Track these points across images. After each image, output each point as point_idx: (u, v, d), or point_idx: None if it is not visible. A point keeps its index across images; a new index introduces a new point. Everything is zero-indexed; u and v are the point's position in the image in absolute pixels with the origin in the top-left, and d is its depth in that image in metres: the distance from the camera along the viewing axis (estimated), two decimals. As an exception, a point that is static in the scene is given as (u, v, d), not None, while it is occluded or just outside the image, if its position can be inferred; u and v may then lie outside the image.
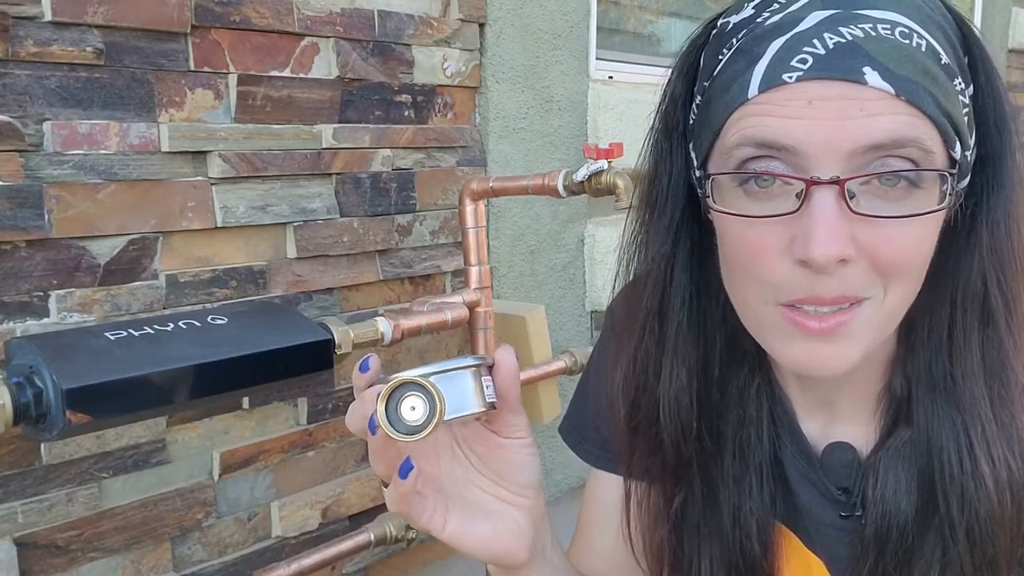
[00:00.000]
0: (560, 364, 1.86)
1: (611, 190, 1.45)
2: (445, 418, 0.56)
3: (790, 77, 0.57)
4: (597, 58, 2.29)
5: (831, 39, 0.57)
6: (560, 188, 1.52)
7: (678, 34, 2.75)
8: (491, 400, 0.60)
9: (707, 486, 0.74)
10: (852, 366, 0.62)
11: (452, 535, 0.62)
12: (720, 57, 0.63)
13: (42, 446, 1.30)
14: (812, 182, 0.57)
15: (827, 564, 0.75)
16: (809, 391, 0.74)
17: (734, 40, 0.62)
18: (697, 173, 0.67)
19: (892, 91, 0.56)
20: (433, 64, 1.81)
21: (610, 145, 1.46)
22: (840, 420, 0.74)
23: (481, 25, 1.90)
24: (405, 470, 0.58)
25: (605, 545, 0.85)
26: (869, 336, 0.62)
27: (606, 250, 2.24)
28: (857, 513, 0.71)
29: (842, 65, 0.56)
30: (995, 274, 0.64)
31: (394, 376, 0.57)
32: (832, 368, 0.62)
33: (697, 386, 0.72)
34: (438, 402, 0.56)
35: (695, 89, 0.67)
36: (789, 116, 0.57)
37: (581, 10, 2.15)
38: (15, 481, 1.28)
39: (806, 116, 0.56)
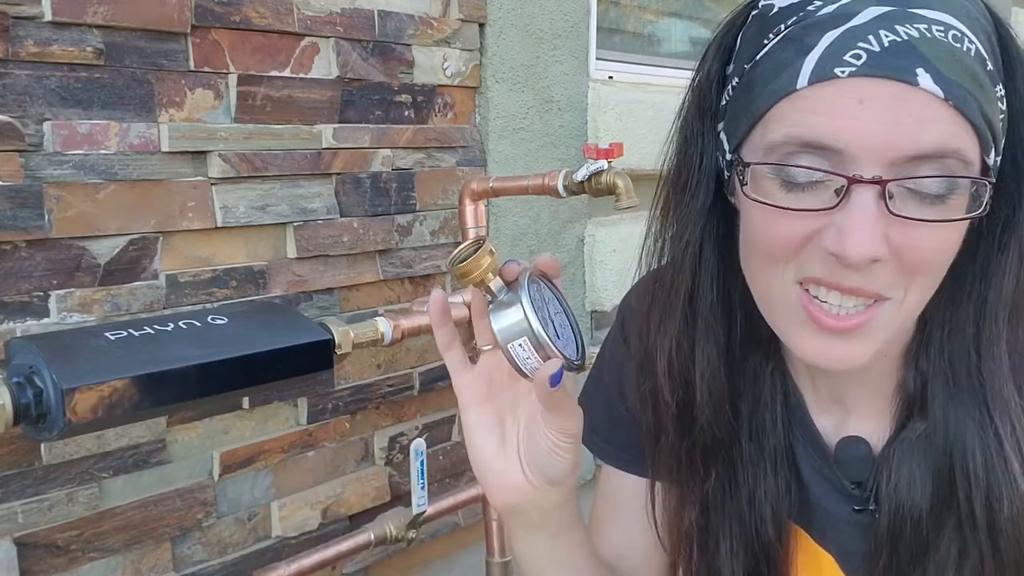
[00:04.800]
0: (560, 364, 1.86)
1: (611, 190, 1.45)
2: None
3: (842, 72, 0.57)
4: (597, 58, 2.29)
5: (887, 37, 0.56)
6: (560, 188, 1.52)
7: (678, 34, 2.75)
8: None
9: (730, 467, 0.75)
10: (864, 363, 0.63)
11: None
12: (765, 41, 0.62)
13: (42, 446, 1.30)
14: (855, 180, 0.57)
15: (839, 560, 0.75)
16: (821, 388, 0.75)
17: (782, 26, 0.61)
18: (729, 156, 0.67)
19: (942, 95, 0.56)
20: (433, 64, 1.81)
21: (610, 145, 1.46)
22: (853, 416, 0.74)
23: (481, 25, 1.90)
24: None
25: (616, 539, 0.85)
26: (885, 335, 0.63)
27: (606, 250, 2.24)
28: (871, 507, 0.71)
29: (896, 64, 0.56)
30: None
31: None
32: (845, 364, 0.63)
33: (725, 366, 0.73)
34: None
35: (729, 71, 0.67)
36: (838, 116, 0.57)
37: (581, 10, 2.15)
38: (15, 481, 1.28)
39: (855, 116, 0.56)
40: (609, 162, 1.45)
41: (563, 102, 2.12)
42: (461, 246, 0.63)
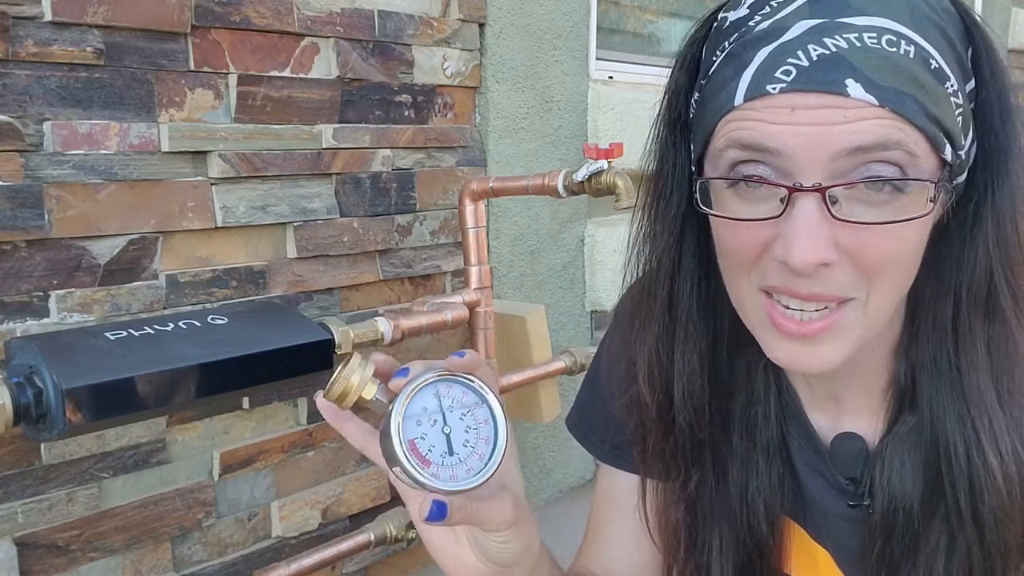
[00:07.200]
0: (560, 364, 1.86)
1: (611, 190, 1.45)
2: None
3: (774, 88, 0.57)
4: (597, 58, 2.29)
5: (815, 51, 0.57)
6: (560, 188, 1.52)
7: (678, 34, 2.75)
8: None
9: (718, 466, 0.75)
10: (836, 366, 0.63)
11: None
12: (714, 58, 0.64)
13: (42, 446, 1.30)
14: (794, 189, 0.58)
15: (834, 555, 0.75)
16: (815, 385, 0.75)
17: (727, 43, 0.62)
18: (692, 169, 0.68)
19: (876, 102, 0.56)
20: (433, 64, 1.81)
21: (610, 145, 1.46)
22: (848, 413, 0.74)
23: (481, 25, 1.90)
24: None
25: (616, 542, 0.85)
26: (853, 336, 0.62)
27: (606, 250, 2.24)
28: (865, 503, 0.71)
29: (824, 78, 0.56)
30: (1002, 268, 0.64)
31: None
32: (816, 368, 0.63)
33: (708, 369, 0.73)
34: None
35: (695, 84, 0.67)
36: (773, 122, 0.58)
37: (581, 10, 2.15)
38: (15, 481, 1.28)
39: (789, 121, 0.57)
40: (609, 162, 1.45)
41: (563, 102, 2.12)
42: (338, 368, 0.58)
